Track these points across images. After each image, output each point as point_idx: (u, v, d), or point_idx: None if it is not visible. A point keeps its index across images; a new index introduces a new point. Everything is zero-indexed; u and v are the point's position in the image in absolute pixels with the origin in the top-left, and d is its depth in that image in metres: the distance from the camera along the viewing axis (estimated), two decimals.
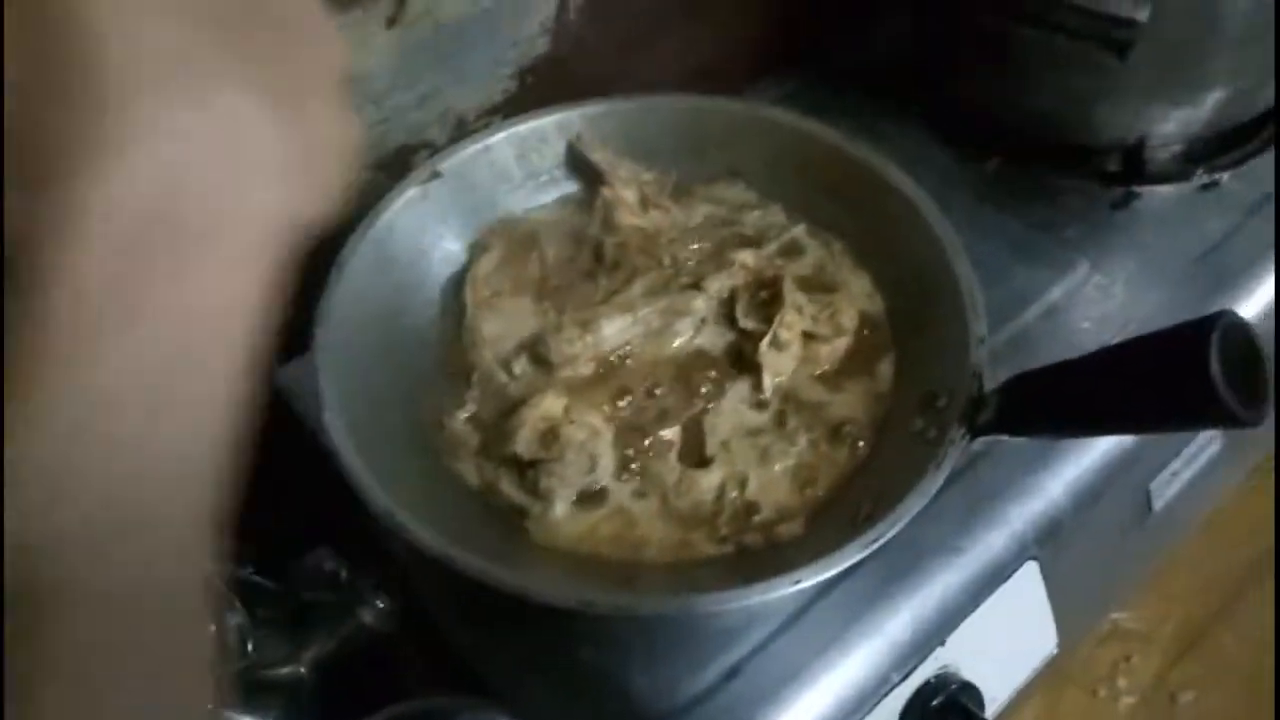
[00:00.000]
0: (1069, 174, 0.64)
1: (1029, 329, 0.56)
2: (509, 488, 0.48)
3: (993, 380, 0.44)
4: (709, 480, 0.47)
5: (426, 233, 0.56)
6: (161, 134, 0.19)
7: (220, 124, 0.20)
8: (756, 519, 0.46)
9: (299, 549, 0.54)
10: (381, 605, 0.53)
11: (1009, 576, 0.49)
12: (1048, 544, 0.50)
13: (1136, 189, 0.62)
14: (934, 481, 0.41)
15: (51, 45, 0.19)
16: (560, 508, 0.47)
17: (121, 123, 0.19)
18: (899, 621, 0.47)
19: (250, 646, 0.50)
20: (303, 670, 0.53)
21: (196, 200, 0.20)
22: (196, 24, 0.20)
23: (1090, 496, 0.51)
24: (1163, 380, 0.35)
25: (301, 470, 0.49)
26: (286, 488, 0.48)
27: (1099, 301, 0.57)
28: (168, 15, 0.20)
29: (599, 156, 0.59)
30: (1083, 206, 0.62)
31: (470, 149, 0.57)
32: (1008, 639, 0.51)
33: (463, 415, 0.51)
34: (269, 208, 0.21)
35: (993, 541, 0.49)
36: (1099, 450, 0.52)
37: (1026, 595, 0.50)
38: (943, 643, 0.47)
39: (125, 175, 0.19)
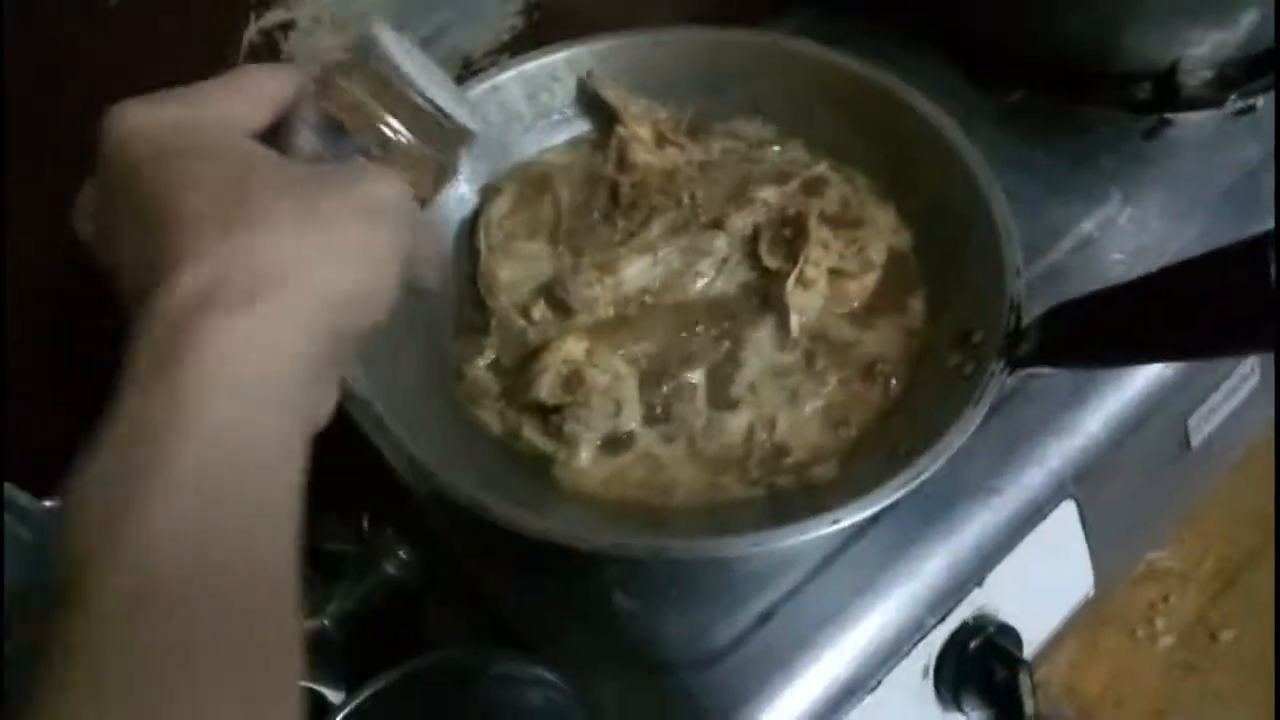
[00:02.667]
0: (1098, 103, 0.61)
1: (1061, 263, 0.55)
2: (533, 434, 0.47)
3: (1027, 316, 0.43)
4: (737, 422, 0.46)
5: None
6: (215, 255, 0.26)
7: (266, 237, 0.27)
8: (788, 461, 0.45)
9: (321, 502, 0.53)
10: (404, 556, 0.53)
11: (1046, 515, 0.48)
12: (1085, 482, 0.49)
13: (1169, 116, 0.60)
14: (974, 416, 0.40)
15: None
16: (586, 453, 0.46)
17: (188, 253, 0.26)
18: (935, 563, 0.46)
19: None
20: (326, 623, 0.52)
21: (246, 276, 0.26)
22: (245, 191, 0.28)
23: (1128, 432, 0.50)
24: (1217, 300, 0.34)
25: (325, 432, 0.48)
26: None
27: (1133, 233, 0.56)
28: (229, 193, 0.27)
29: (611, 93, 0.56)
30: (1113, 136, 0.60)
31: (478, 89, 0.55)
32: (1045, 580, 0.50)
33: (482, 363, 0.50)
34: (317, 282, 0.27)
35: (1030, 480, 0.47)
36: (1136, 386, 0.50)
37: (1064, 535, 0.49)
38: (980, 584, 0.47)
39: (191, 275, 0.25)
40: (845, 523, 0.38)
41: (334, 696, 0.51)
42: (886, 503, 0.38)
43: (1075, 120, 0.61)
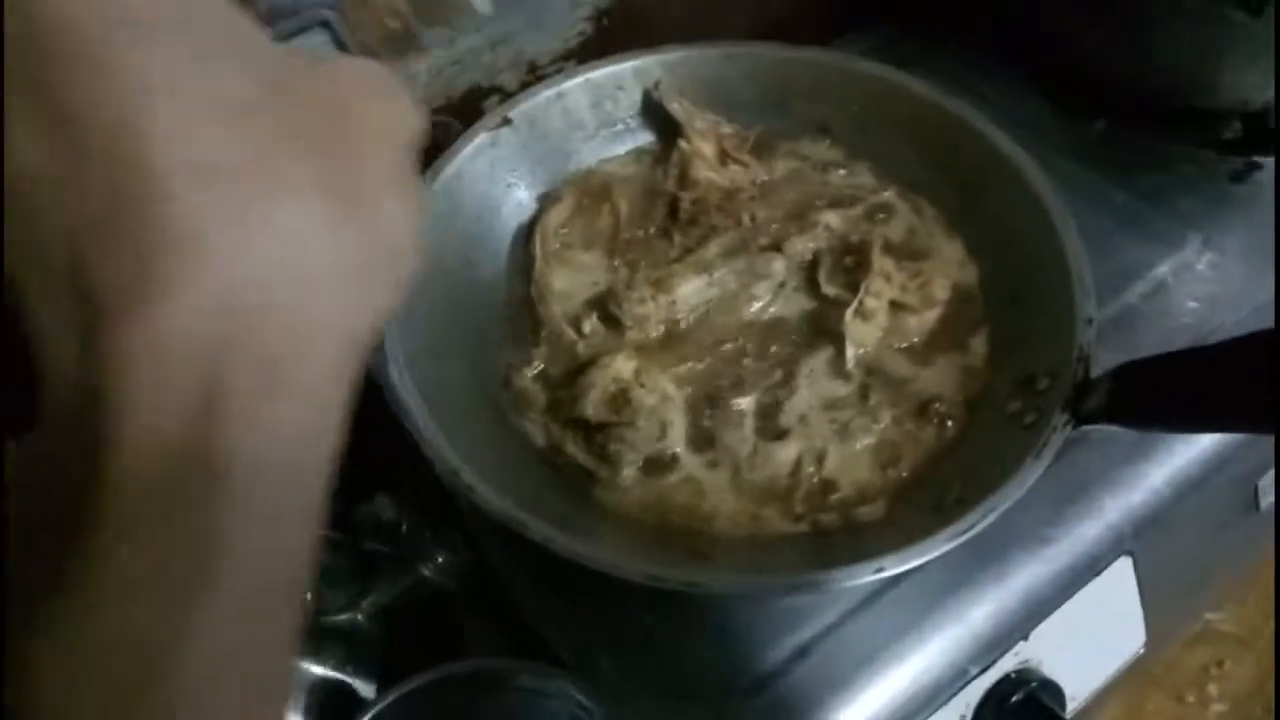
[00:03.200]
0: (1184, 140, 0.59)
1: (1131, 307, 0.52)
2: (576, 450, 0.46)
3: (1095, 364, 0.41)
4: (785, 454, 0.45)
5: (496, 181, 0.54)
6: (225, 261, 0.17)
7: (287, 239, 0.18)
8: (834, 498, 0.44)
9: (361, 498, 0.53)
10: (441, 560, 0.53)
11: (1100, 571, 0.46)
12: (1144, 538, 0.47)
13: (1258, 159, 0.58)
14: (1033, 471, 0.39)
15: (100, 176, 0.16)
16: (629, 473, 0.45)
17: (183, 254, 0.16)
18: (981, 611, 0.44)
19: (308, 595, 0.49)
20: (361, 618, 0.52)
21: (268, 324, 0.17)
22: (248, 126, 0.18)
23: (1193, 490, 0.48)
24: None
25: (367, 421, 0.48)
26: (353, 437, 0.46)
27: (1211, 281, 0.53)
28: (221, 125, 0.17)
29: (677, 106, 0.56)
30: (1197, 177, 0.58)
31: (543, 95, 0.55)
32: (1094, 637, 0.48)
33: (530, 373, 0.49)
34: (346, 316, 0.19)
35: (1085, 533, 0.46)
36: (1204, 443, 0.48)
37: (1117, 591, 0.47)
38: (1025, 637, 0.45)
39: (191, 308, 0.16)
40: (889, 572, 0.37)
41: (365, 689, 0.51)
42: (935, 554, 0.37)
43: (1157, 157, 0.59)
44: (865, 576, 0.37)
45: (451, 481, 0.41)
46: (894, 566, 0.37)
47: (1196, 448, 0.48)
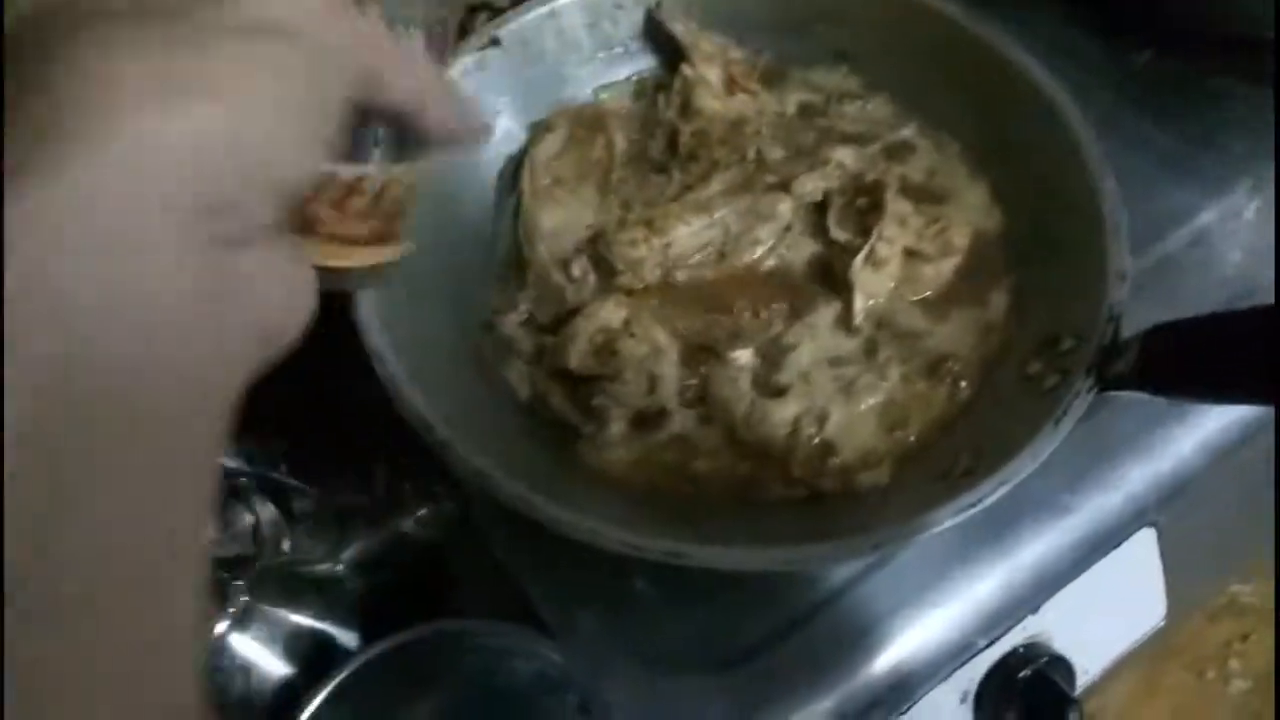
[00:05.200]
0: (1236, 75, 0.54)
1: (1171, 256, 0.48)
2: (560, 403, 0.43)
3: (1127, 326, 0.37)
4: (783, 412, 0.42)
5: (483, 108, 0.50)
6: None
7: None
8: (834, 461, 0.40)
9: (341, 456, 0.51)
10: (424, 513, 0.51)
11: (1120, 543, 0.43)
12: (1168, 508, 0.44)
13: None
14: (1051, 440, 0.35)
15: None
16: (615, 429, 0.42)
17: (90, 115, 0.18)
18: (988, 584, 0.42)
19: (286, 545, 0.48)
20: (340, 569, 0.51)
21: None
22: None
23: (1223, 458, 0.44)
24: None
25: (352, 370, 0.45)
26: (337, 384, 0.44)
27: (1258, 230, 0.49)
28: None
29: (681, 28, 0.51)
30: (1249, 116, 0.53)
31: (535, 13, 0.50)
32: (1110, 611, 0.45)
33: (515, 318, 0.46)
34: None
35: (1106, 502, 0.42)
36: (1237, 409, 0.44)
37: (1138, 565, 0.44)
38: (1035, 610, 0.42)
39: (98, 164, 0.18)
40: (887, 548, 0.34)
41: (345, 638, 0.50)
42: (937, 529, 0.34)
43: (1207, 93, 0.54)
44: (861, 554, 0.34)
45: (425, 436, 0.38)
46: (892, 541, 0.34)
47: (1228, 416, 0.44)
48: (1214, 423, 0.44)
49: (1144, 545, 0.44)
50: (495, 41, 0.50)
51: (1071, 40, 0.56)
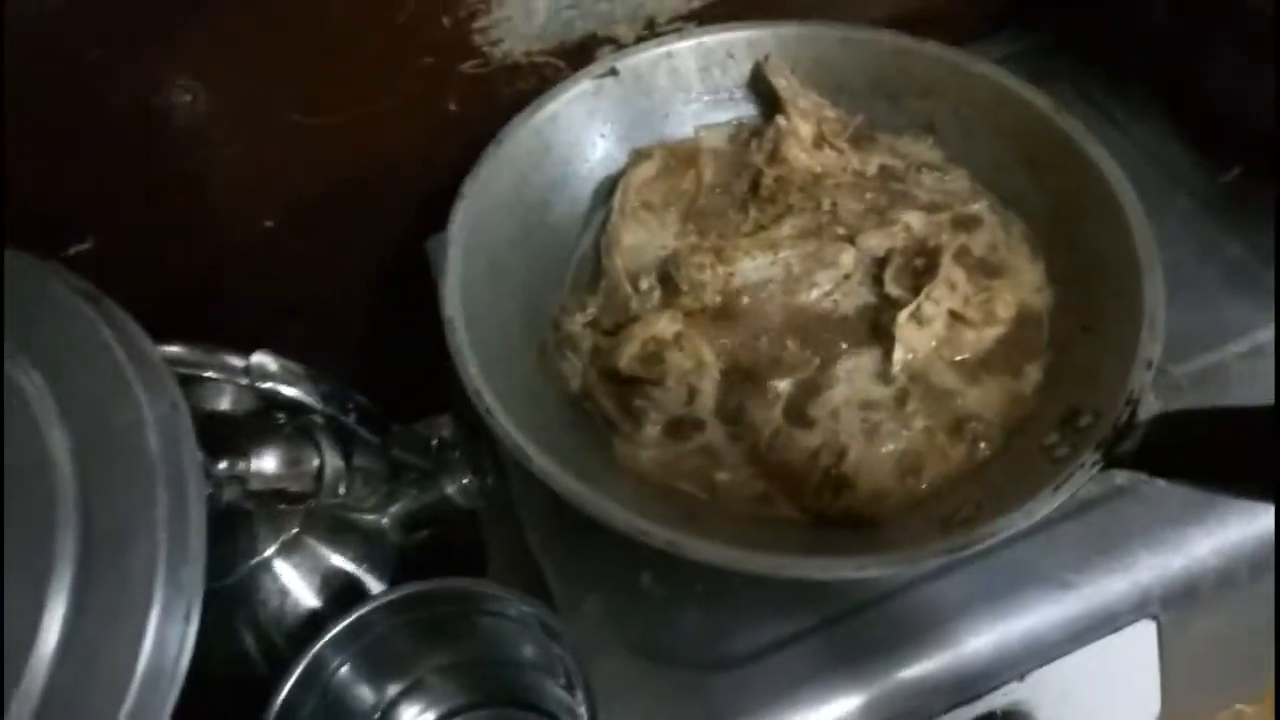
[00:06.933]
0: None
1: (1224, 365, 0.49)
2: (604, 399, 0.47)
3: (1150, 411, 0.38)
4: (806, 441, 0.44)
5: (590, 130, 0.55)
6: None
7: None
8: (845, 495, 0.43)
9: (403, 414, 0.55)
10: (467, 481, 0.54)
11: (1118, 629, 0.43)
12: (1175, 606, 0.44)
13: None
14: (1047, 503, 0.37)
15: None
16: (650, 431, 0.46)
17: None
18: (979, 641, 0.43)
19: (343, 489, 0.52)
20: (385, 522, 0.55)
21: None
22: None
23: (1239, 567, 0.44)
24: None
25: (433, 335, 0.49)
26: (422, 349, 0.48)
27: None
28: None
29: (783, 82, 0.55)
30: None
31: (653, 51, 0.55)
32: (1099, 696, 0.45)
33: (580, 318, 0.50)
34: None
35: (1110, 586, 0.43)
36: (1259, 517, 0.44)
37: (1134, 656, 0.44)
38: (1021, 677, 0.43)
39: None
40: (871, 573, 0.36)
41: (375, 587, 0.54)
42: (924, 568, 0.36)
43: None
44: (845, 572, 0.36)
45: (475, 400, 0.42)
46: (877, 568, 0.36)
47: (1253, 525, 0.44)
48: (1233, 531, 0.44)
49: (1143, 637, 0.44)
50: (613, 72, 0.55)
51: (1163, 149, 0.57)
